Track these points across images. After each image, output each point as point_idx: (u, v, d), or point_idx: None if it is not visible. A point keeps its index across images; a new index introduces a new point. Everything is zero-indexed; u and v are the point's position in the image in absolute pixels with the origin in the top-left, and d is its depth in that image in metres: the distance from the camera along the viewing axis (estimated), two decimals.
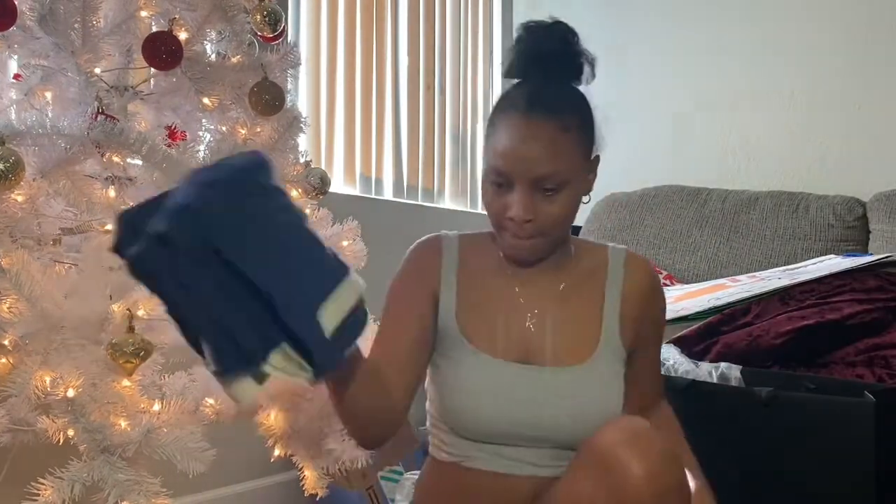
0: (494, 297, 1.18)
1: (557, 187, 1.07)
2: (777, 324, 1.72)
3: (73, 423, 1.08)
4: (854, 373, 1.65)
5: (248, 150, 0.92)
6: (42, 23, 1.21)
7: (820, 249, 2.36)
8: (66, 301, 1.11)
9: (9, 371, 1.08)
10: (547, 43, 1.13)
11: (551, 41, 1.14)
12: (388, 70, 2.78)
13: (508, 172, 1.06)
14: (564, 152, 1.07)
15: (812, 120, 2.69)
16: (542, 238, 1.11)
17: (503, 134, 1.07)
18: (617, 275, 1.19)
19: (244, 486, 2.08)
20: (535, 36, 1.14)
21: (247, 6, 1.37)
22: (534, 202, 1.07)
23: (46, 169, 1.14)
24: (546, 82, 1.11)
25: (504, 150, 1.06)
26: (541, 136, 1.06)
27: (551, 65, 1.13)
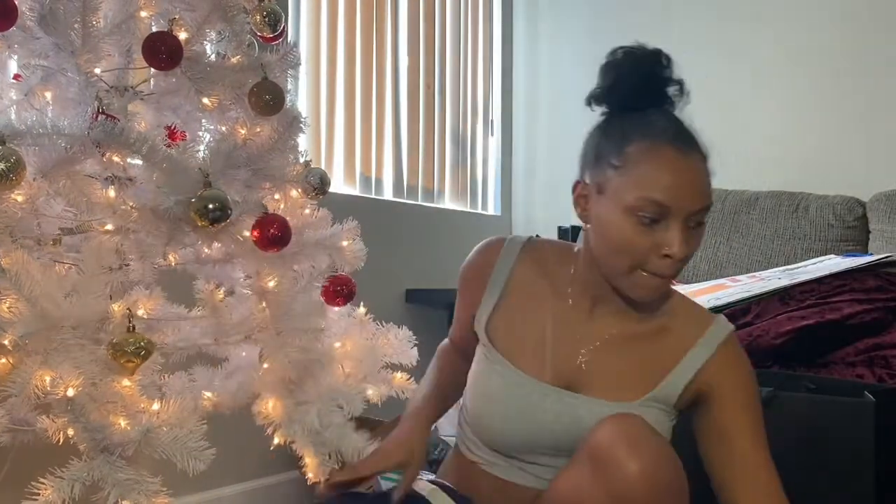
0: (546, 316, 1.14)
1: (703, 222, 1.05)
2: (777, 324, 1.72)
3: (73, 422, 1.08)
4: (854, 373, 1.65)
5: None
6: (42, 23, 1.21)
7: (820, 249, 2.36)
8: (66, 301, 1.11)
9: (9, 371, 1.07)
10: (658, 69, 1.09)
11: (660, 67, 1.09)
12: (388, 70, 2.78)
13: (671, 206, 1.01)
14: (710, 183, 1.05)
15: (812, 120, 2.69)
16: (676, 276, 1.06)
17: (659, 166, 1.01)
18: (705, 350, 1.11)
19: (244, 485, 2.09)
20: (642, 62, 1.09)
21: (247, 6, 1.36)
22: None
23: (46, 169, 1.14)
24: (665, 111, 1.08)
25: (668, 183, 1.00)
26: (698, 169, 1.04)
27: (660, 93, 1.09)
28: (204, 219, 1.15)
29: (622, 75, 1.08)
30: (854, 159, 2.61)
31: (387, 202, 2.75)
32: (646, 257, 1.03)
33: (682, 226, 1.02)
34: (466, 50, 3.20)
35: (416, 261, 2.78)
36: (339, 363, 1.42)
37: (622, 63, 1.09)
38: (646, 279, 1.05)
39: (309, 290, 1.40)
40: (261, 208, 1.26)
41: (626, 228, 1.02)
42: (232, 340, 1.36)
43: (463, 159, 3.18)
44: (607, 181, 1.05)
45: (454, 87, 3.13)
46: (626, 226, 1.02)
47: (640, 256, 1.03)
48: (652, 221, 1.01)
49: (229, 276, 1.42)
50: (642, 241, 1.02)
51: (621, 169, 1.04)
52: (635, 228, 1.02)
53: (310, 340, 1.33)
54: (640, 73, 1.08)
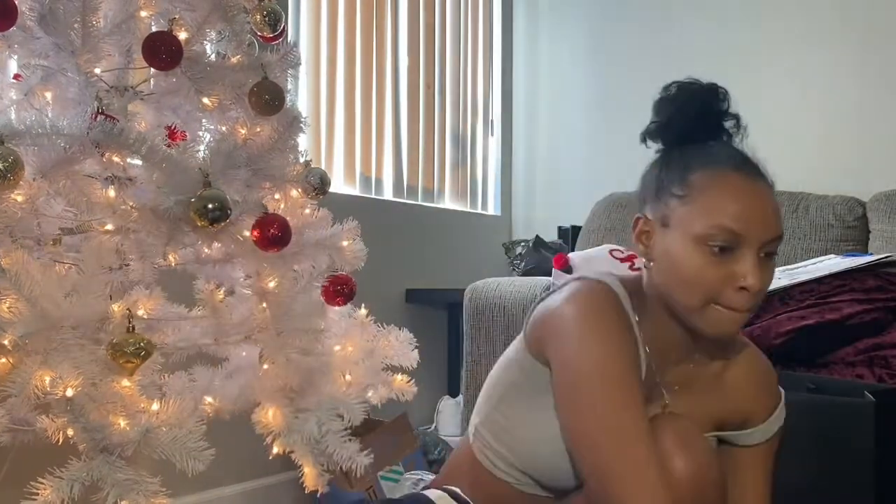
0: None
1: (774, 252, 1.01)
2: (777, 324, 1.72)
3: (73, 422, 1.08)
4: (854, 373, 1.65)
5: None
6: (42, 23, 1.21)
7: (820, 249, 2.36)
8: (66, 301, 1.11)
9: (9, 371, 1.07)
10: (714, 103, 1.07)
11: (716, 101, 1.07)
12: (388, 70, 2.78)
13: (742, 234, 0.96)
14: (780, 213, 1.02)
15: (812, 120, 2.69)
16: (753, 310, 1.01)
17: (727, 193, 0.98)
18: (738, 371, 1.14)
19: (244, 485, 2.08)
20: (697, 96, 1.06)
21: (247, 6, 1.36)
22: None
23: (46, 169, 1.14)
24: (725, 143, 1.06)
25: (737, 209, 0.96)
26: (767, 195, 1.00)
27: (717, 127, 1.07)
28: (204, 219, 1.15)
29: (677, 110, 1.05)
30: (854, 159, 2.61)
31: (387, 202, 2.75)
32: (719, 290, 0.98)
33: (756, 255, 0.98)
34: (466, 50, 3.20)
35: (416, 261, 2.78)
36: (341, 370, 1.42)
37: (676, 97, 1.06)
38: (721, 314, 0.99)
39: (309, 290, 1.39)
40: (261, 208, 1.26)
41: (696, 259, 0.97)
42: (232, 340, 1.36)
43: (463, 159, 3.18)
44: (671, 212, 1.01)
45: (454, 87, 3.13)
46: (696, 256, 0.97)
47: (714, 289, 0.98)
48: (723, 250, 0.97)
49: (229, 276, 1.42)
50: (714, 272, 0.97)
51: (686, 198, 1.00)
52: (706, 259, 0.97)
53: (310, 341, 1.33)
54: (695, 107, 1.05)
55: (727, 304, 0.98)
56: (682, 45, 2.94)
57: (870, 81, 2.60)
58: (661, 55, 2.97)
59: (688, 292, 0.99)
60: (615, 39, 3.11)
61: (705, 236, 0.97)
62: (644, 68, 2.99)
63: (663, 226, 1.02)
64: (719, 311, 0.99)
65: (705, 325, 1.00)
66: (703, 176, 1.00)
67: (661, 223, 1.02)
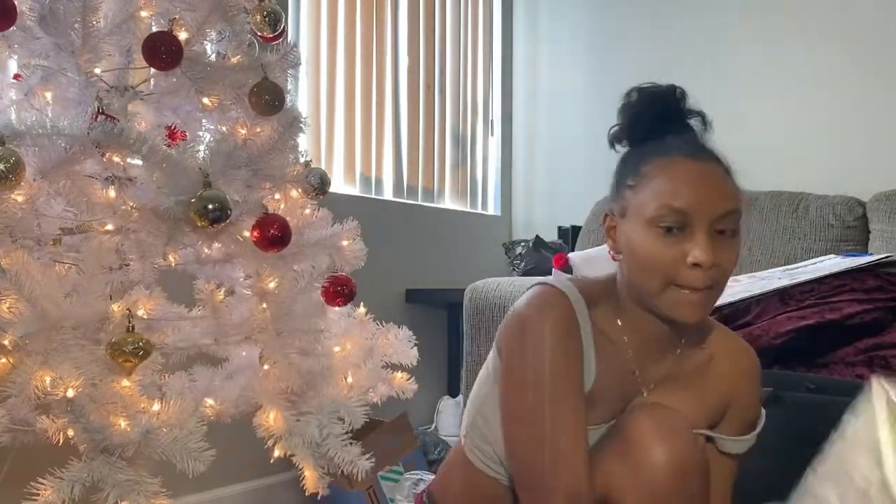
0: (611, 363, 1.09)
1: (734, 230, 1.03)
2: (777, 324, 1.72)
3: (73, 423, 1.08)
4: (854, 373, 1.65)
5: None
6: (42, 23, 1.21)
7: (820, 249, 2.36)
8: (66, 301, 1.11)
9: (9, 371, 1.08)
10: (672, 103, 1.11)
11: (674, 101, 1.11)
12: (388, 70, 2.78)
13: (690, 212, 0.99)
14: (736, 191, 1.05)
15: (813, 120, 2.69)
16: (715, 290, 1.02)
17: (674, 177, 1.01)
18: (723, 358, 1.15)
19: (244, 485, 2.08)
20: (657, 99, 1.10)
21: (247, 6, 1.37)
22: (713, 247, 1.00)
23: (46, 169, 1.14)
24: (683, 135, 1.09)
25: (684, 189, 1.00)
26: (716, 176, 1.03)
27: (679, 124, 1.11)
28: (204, 219, 1.15)
29: (639, 113, 1.09)
30: (854, 159, 2.61)
31: (387, 202, 2.75)
32: (675, 270, 1.00)
33: (706, 232, 1.00)
34: (466, 50, 3.20)
35: (416, 261, 2.78)
36: (342, 372, 1.42)
37: (637, 102, 1.10)
38: (680, 294, 1.01)
39: (309, 290, 1.39)
40: (261, 208, 1.26)
41: (649, 242, 1.01)
42: (232, 341, 1.36)
43: (463, 159, 3.18)
44: (627, 202, 1.05)
45: (454, 87, 3.13)
46: (650, 239, 1.01)
47: (669, 269, 1.00)
48: (673, 230, 1.00)
49: (229, 276, 1.42)
50: (667, 252, 1.00)
51: (637, 186, 1.04)
52: (658, 240, 1.00)
53: (310, 341, 1.33)
54: (655, 108, 1.09)
55: (684, 283, 1.00)
56: (681, 46, 2.94)
57: (870, 81, 2.60)
58: (661, 55, 2.97)
59: (647, 276, 1.02)
60: (615, 39, 3.11)
61: (655, 218, 1.00)
62: (644, 68, 2.99)
63: (622, 217, 1.06)
64: (678, 291, 1.01)
65: (668, 308, 1.03)
66: (653, 165, 1.04)
67: (621, 215, 1.07)
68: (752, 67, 2.81)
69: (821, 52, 2.68)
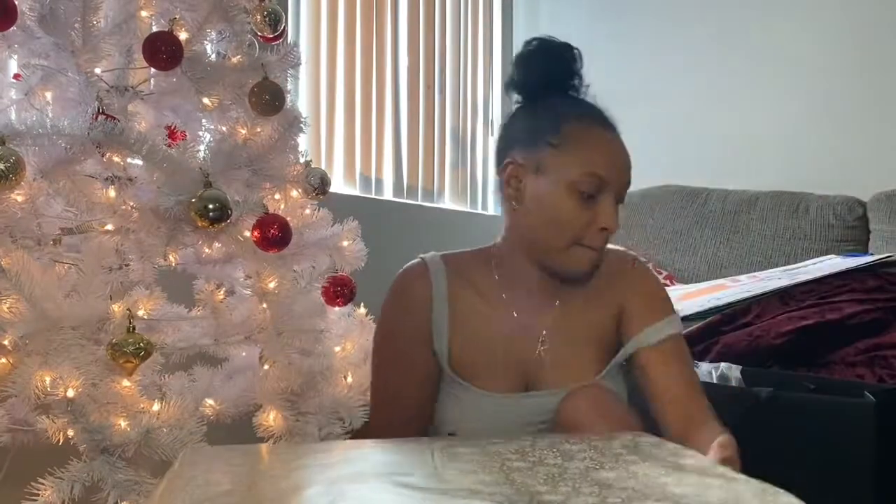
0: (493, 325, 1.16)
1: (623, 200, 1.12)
2: (777, 324, 1.72)
3: (73, 423, 1.08)
4: (854, 373, 1.65)
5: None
6: (42, 23, 1.21)
7: (820, 249, 2.36)
8: (66, 301, 1.11)
9: (9, 371, 1.07)
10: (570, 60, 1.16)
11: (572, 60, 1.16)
12: (388, 70, 2.78)
13: (608, 181, 1.08)
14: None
15: (812, 120, 2.69)
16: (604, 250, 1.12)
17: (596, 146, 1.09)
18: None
19: None
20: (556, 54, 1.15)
21: (247, 6, 1.36)
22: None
23: (46, 169, 1.14)
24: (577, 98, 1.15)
25: (604, 160, 1.09)
26: (623, 147, 1.12)
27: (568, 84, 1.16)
28: (204, 219, 1.15)
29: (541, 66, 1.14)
30: (854, 159, 2.60)
31: (387, 202, 2.75)
32: (584, 232, 1.09)
33: (614, 201, 1.10)
34: (466, 50, 3.19)
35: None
36: (342, 372, 1.42)
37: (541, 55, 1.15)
38: (584, 252, 1.10)
39: (309, 290, 1.40)
40: (261, 208, 1.26)
41: (567, 203, 1.07)
42: (232, 341, 1.35)
43: (463, 159, 3.18)
44: (545, 159, 1.09)
45: (454, 87, 3.12)
46: (569, 201, 1.07)
47: (579, 231, 1.08)
48: (589, 197, 1.08)
49: (229, 276, 1.42)
50: (582, 215, 1.08)
51: (560, 147, 1.09)
52: (576, 203, 1.07)
53: (310, 342, 1.33)
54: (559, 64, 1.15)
55: (589, 243, 1.09)
56: (681, 46, 2.94)
57: (870, 81, 2.60)
58: (660, 56, 2.97)
59: (556, 234, 1.10)
60: (615, 39, 3.11)
61: (577, 183, 1.07)
62: (644, 68, 2.99)
63: (537, 172, 1.10)
64: (582, 250, 1.10)
65: (567, 264, 1.11)
66: (575, 128, 1.10)
67: (535, 170, 1.10)
68: (751, 67, 2.81)
69: (821, 52, 2.68)
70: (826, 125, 2.67)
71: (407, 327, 1.17)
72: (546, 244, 1.11)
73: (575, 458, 0.76)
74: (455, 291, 1.17)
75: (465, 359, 1.15)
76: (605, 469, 0.72)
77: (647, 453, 0.79)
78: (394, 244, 2.80)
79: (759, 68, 2.79)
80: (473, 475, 0.71)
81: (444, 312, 1.16)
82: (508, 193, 1.14)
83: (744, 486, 0.68)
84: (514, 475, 0.70)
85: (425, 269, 1.18)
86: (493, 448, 0.81)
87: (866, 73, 2.60)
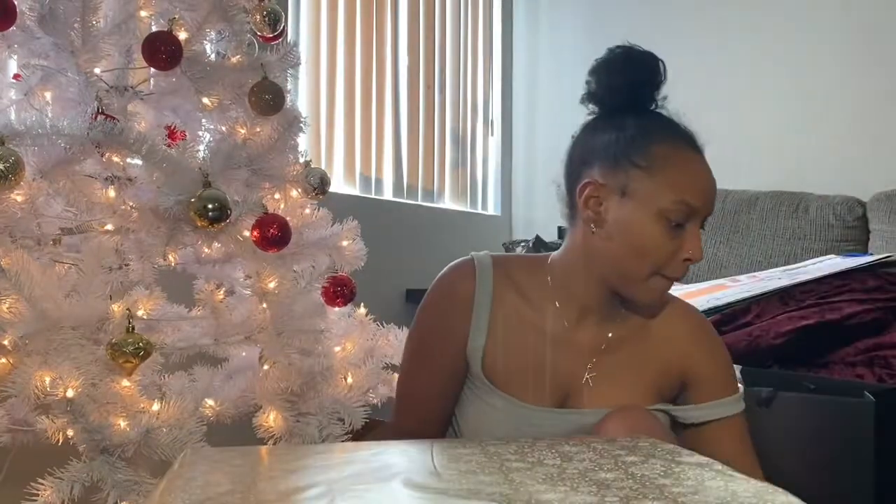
0: (537, 333, 1.09)
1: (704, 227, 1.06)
2: (777, 324, 1.72)
3: (73, 423, 1.08)
4: (854, 373, 1.65)
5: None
6: (42, 23, 1.21)
7: (820, 249, 2.36)
8: (66, 301, 1.11)
9: (9, 371, 1.08)
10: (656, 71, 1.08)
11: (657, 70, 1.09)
12: (388, 70, 2.78)
13: (698, 208, 1.01)
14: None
15: (812, 120, 2.69)
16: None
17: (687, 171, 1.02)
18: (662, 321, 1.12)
19: None
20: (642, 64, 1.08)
21: (247, 6, 1.36)
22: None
23: (46, 169, 1.14)
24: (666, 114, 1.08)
25: (695, 187, 1.01)
26: (711, 173, 1.05)
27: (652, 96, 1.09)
28: (203, 219, 1.15)
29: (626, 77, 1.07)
30: (854, 159, 2.60)
31: (387, 202, 2.75)
32: (667, 262, 1.02)
33: (698, 228, 1.03)
34: (466, 50, 3.19)
35: (416, 261, 2.77)
36: (342, 373, 1.42)
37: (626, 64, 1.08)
38: (661, 283, 1.04)
39: (309, 290, 1.40)
40: (261, 208, 1.26)
41: (654, 232, 1.01)
42: (232, 341, 1.36)
43: (463, 159, 3.18)
44: (633, 182, 1.02)
45: (454, 87, 3.12)
46: (656, 229, 1.00)
47: (663, 261, 1.02)
48: (677, 225, 1.01)
49: (229, 276, 1.42)
50: (668, 245, 1.01)
51: (649, 170, 1.01)
52: (664, 232, 1.01)
53: (310, 342, 1.33)
54: (644, 75, 1.07)
55: (670, 274, 1.03)
56: (681, 45, 2.94)
57: (870, 81, 2.59)
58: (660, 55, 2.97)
59: (639, 263, 1.02)
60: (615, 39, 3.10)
61: (668, 210, 1.00)
62: None
63: (622, 195, 1.03)
64: (660, 280, 1.03)
65: (644, 294, 1.05)
66: (665, 149, 1.02)
67: (620, 192, 1.03)
68: (752, 68, 2.81)
69: (821, 52, 2.68)
70: (826, 125, 2.66)
71: (444, 323, 1.11)
72: (626, 272, 1.04)
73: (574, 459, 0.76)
74: (501, 293, 1.10)
75: (499, 364, 1.09)
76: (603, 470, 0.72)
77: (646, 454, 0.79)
78: (394, 244, 2.80)
79: (760, 68, 2.79)
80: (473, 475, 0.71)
81: (486, 313, 1.08)
82: (587, 216, 1.05)
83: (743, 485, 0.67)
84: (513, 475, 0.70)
85: (472, 266, 1.11)
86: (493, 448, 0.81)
87: (866, 73, 2.60)
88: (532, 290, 1.11)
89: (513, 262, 1.15)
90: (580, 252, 1.08)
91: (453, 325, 1.10)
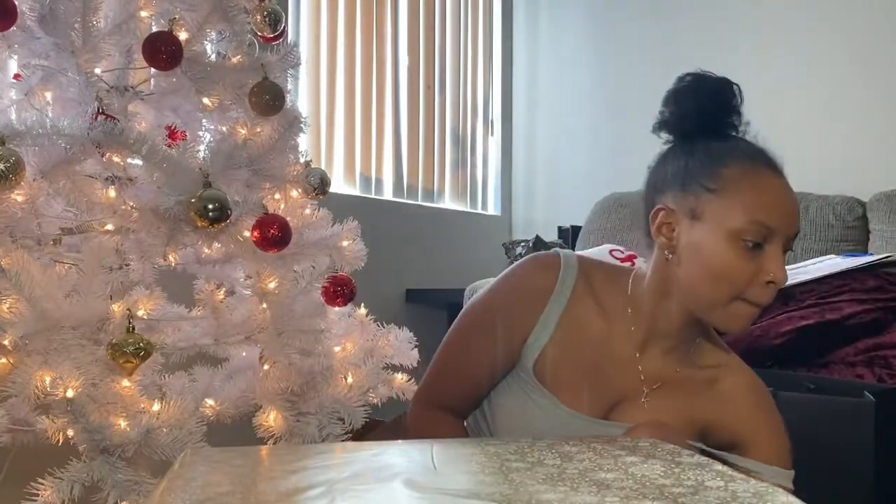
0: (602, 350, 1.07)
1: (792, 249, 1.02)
2: (777, 324, 1.72)
3: (73, 423, 1.08)
4: (854, 373, 1.65)
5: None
6: (42, 23, 1.21)
7: (820, 249, 2.36)
8: (66, 301, 1.11)
9: (9, 371, 1.08)
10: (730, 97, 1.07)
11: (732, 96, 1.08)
12: (388, 70, 2.78)
13: (776, 229, 0.98)
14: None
15: (812, 120, 2.69)
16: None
17: (759, 190, 0.99)
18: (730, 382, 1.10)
19: None
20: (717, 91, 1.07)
21: (247, 6, 1.37)
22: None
23: (46, 169, 1.14)
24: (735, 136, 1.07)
25: (772, 205, 0.98)
26: (792, 191, 1.02)
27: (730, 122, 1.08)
28: (204, 219, 1.15)
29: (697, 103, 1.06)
30: (854, 159, 2.61)
31: (387, 202, 2.75)
32: (748, 285, 0.98)
33: (781, 250, 0.99)
34: (466, 50, 3.19)
35: (416, 261, 2.78)
36: (342, 372, 1.42)
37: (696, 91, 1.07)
38: (743, 309, 1.00)
39: (309, 290, 1.40)
40: (261, 208, 1.26)
41: (729, 254, 0.98)
42: (232, 341, 1.36)
43: (463, 159, 3.18)
44: (703, 205, 1.00)
45: (454, 87, 3.13)
46: (731, 252, 0.98)
47: (743, 284, 0.98)
48: (755, 246, 0.97)
49: (229, 276, 1.42)
50: (746, 267, 0.98)
51: (719, 192, 0.99)
52: (739, 254, 0.97)
53: (310, 342, 1.33)
54: (716, 101, 1.07)
55: (753, 298, 0.99)
56: (682, 46, 2.94)
57: (870, 81, 2.60)
58: (661, 55, 2.97)
59: (716, 287, 0.99)
60: (615, 39, 3.11)
61: (741, 231, 0.97)
62: (644, 68, 2.99)
63: (693, 219, 1.01)
64: (743, 306, 0.99)
65: (726, 320, 1.01)
66: (735, 170, 1.00)
67: (691, 216, 1.01)
68: (752, 68, 2.81)
69: (821, 52, 2.68)
70: (826, 125, 2.66)
71: (513, 310, 1.07)
72: (705, 298, 1.00)
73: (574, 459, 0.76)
74: (578, 296, 1.07)
75: (554, 365, 1.07)
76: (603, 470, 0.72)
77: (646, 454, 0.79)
78: (394, 244, 2.80)
79: (759, 69, 2.79)
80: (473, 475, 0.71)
81: (558, 313, 1.07)
82: (661, 242, 1.03)
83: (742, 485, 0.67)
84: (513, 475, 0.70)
85: (559, 262, 1.08)
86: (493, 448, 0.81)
87: (867, 73, 2.60)
88: (608, 302, 1.09)
89: (596, 268, 1.12)
90: (658, 279, 1.06)
91: (521, 315, 1.07)
